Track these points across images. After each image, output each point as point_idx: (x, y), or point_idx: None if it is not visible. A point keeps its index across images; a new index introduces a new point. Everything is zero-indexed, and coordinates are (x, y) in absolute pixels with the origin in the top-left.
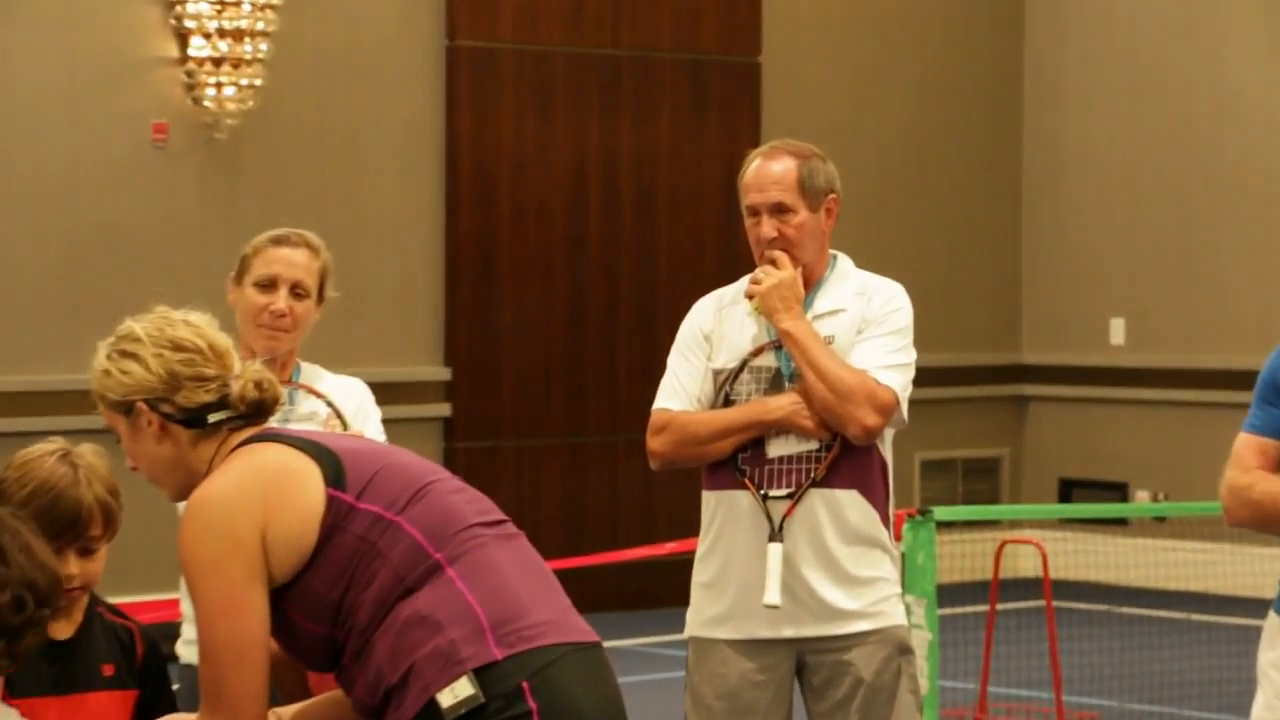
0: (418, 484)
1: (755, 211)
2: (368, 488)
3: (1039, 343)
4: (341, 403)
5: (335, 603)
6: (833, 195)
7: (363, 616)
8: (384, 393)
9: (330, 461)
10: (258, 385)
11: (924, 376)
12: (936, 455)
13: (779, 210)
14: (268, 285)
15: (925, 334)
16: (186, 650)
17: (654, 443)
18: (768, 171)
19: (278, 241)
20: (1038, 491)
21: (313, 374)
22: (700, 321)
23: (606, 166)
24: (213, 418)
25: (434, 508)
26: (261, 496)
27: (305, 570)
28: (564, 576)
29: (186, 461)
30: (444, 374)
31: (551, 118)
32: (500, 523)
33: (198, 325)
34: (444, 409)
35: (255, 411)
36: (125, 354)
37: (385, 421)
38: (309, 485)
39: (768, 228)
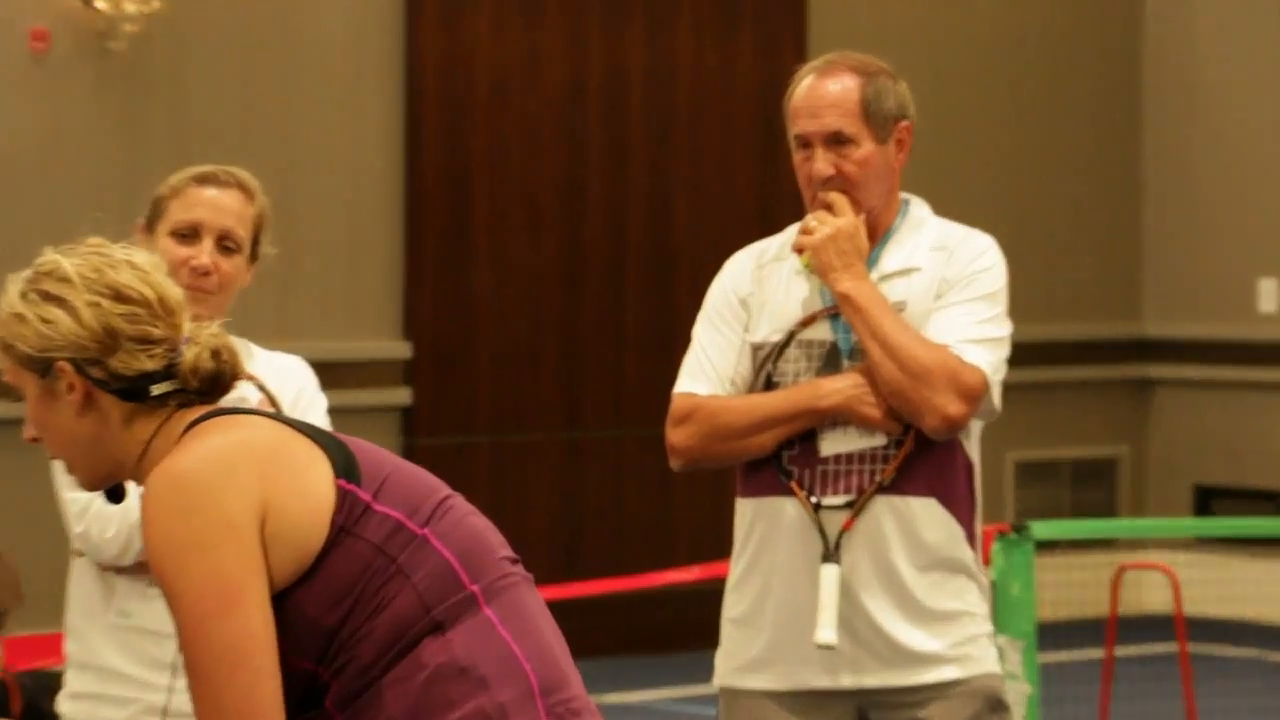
0: (436, 494)
1: (806, 143)
2: (384, 487)
3: (1166, 311)
4: (277, 387)
5: (331, 630)
6: (905, 123)
7: (368, 651)
8: (327, 374)
9: (337, 447)
10: (214, 354)
11: (1020, 354)
12: (1036, 455)
13: (837, 141)
14: (188, 234)
15: (1022, 301)
16: (72, 708)
17: (675, 436)
18: (823, 92)
19: (203, 180)
20: (1167, 502)
21: (242, 350)
22: (735, 283)
23: (611, 88)
24: (156, 390)
25: (463, 527)
26: (258, 476)
27: (298, 583)
28: (557, 611)
29: (113, 441)
30: (403, 350)
31: (541, 25)
32: (516, 560)
33: (145, 270)
34: (402, 395)
35: (208, 388)
36: (49, 296)
37: (332, 411)
38: (315, 471)
39: (822, 163)
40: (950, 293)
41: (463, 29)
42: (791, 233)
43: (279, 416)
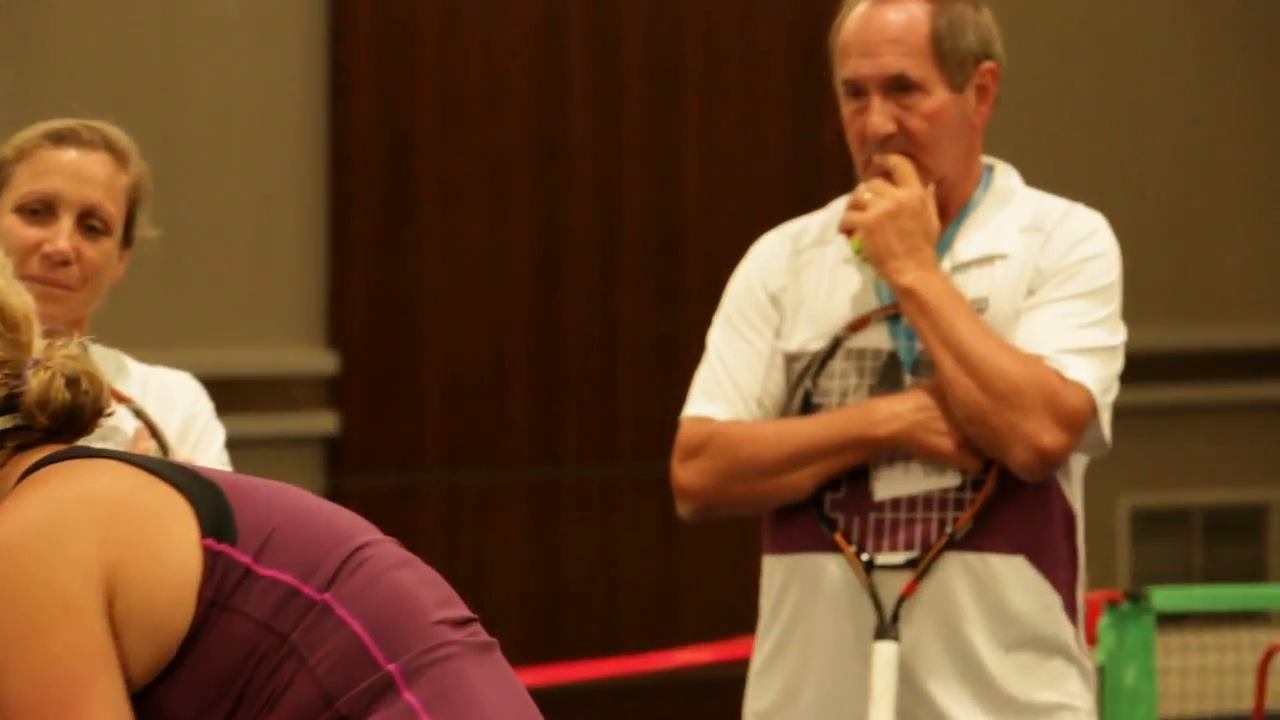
0: (345, 544)
1: (859, 90)
2: (271, 543)
3: None
4: (160, 414)
5: None
6: (989, 64)
7: None
8: (227, 395)
9: (206, 495)
10: (71, 383)
11: (1139, 368)
12: (1159, 501)
13: (899, 88)
14: (40, 210)
15: (1141, 300)
16: None
17: (685, 473)
18: (881, 23)
19: (59, 140)
20: None
21: (113, 364)
22: (764, 274)
23: (598, 21)
24: None
25: (381, 585)
26: (99, 541)
27: (162, 678)
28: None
29: None
30: (327, 364)
31: None
32: (468, 622)
33: None
34: (326, 422)
35: (60, 425)
36: None
37: (234, 443)
38: (176, 530)
39: (880, 117)
40: (1046, 287)
41: None
42: (838, 209)
43: (133, 458)
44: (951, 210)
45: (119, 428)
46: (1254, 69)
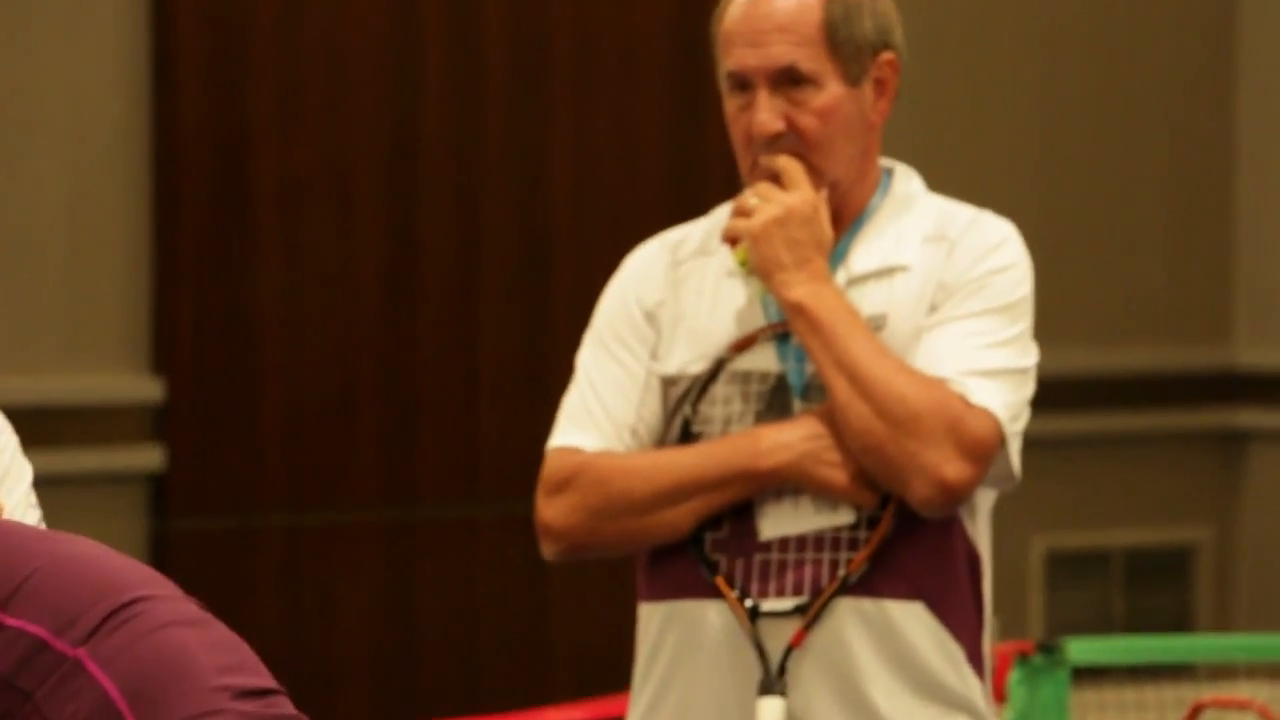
0: (114, 597)
1: (744, 83)
2: (24, 590)
3: (1265, 334)
4: None
5: None
6: (888, 55)
7: None
8: (36, 427)
9: None
10: None
11: (1052, 393)
12: (1075, 542)
13: (789, 81)
14: None
15: (1056, 316)
16: None
17: (551, 510)
18: (769, 9)
19: None
20: (1264, 609)
21: None
22: (639, 288)
23: (456, 5)
24: None
25: (149, 643)
26: None
27: None
28: None
29: None
30: (151, 391)
31: None
32: (264, 693)
33: None
34: (150, 457)
35: None
36: None
37: (45, 482)
38: None
39: (767, 113)
40: (950, 303)
41: None
42: (722, 216)
43: None
44: (846, 217)
45: None
46: (1182, 75)
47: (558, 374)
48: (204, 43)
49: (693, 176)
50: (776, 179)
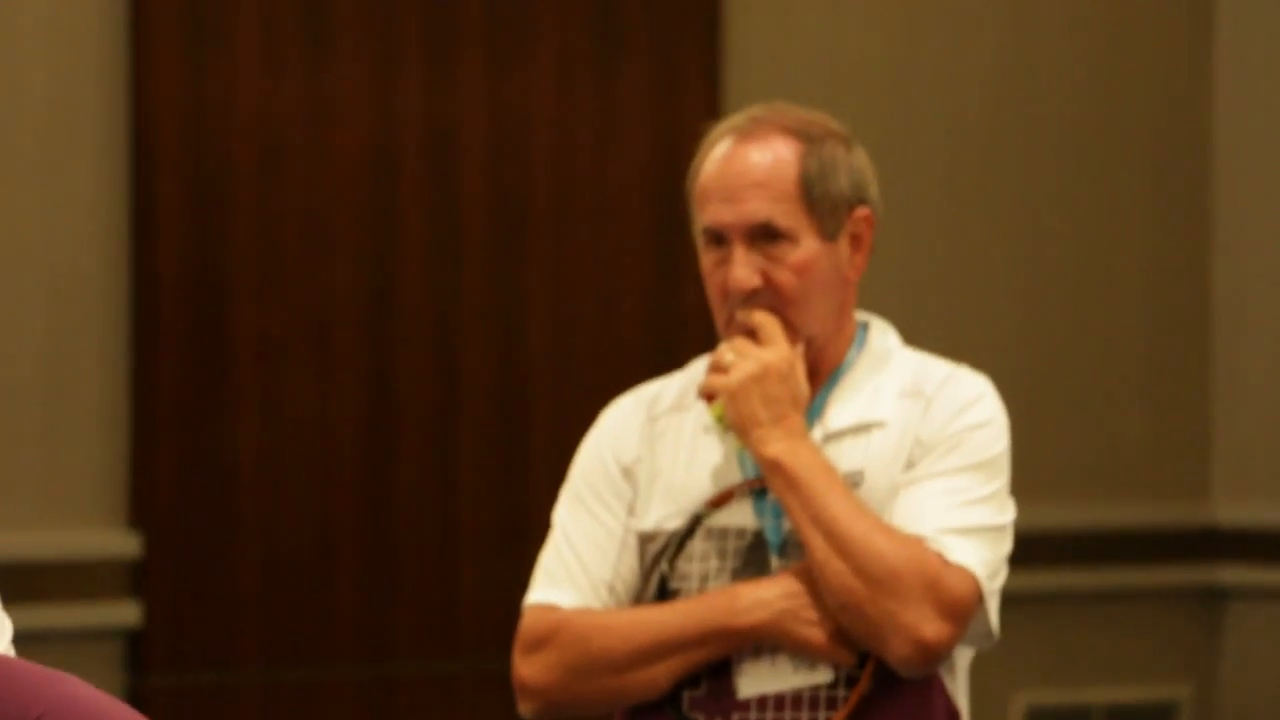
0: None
1: (720, 238)
2: None
3: (1243, 490)
4: None
5: None
6: (864, 210)
7: None
8: (15, 582)
9: None
10: None
11: (1029, 550)
12: (1056, 699)
13: (765, 237)
14: None
15: (1033, 473)
16: None
17: (528, 667)
18: (744, 165)
19: None
20: None
21: None
22: (616, 444)
23: (436, 153)
24: None
25: None
26: None
27: None
28: None
29: None
30: (128, 546)
31: (332, 60)
32: None
33: None
34: (128, 613)
35: None
36: None
37: (23, 637)
38: None
39: (743, 269)
40: (927, 460)
41: (215, 68)
42: (698, 370)
43: None
44: (823, 373)
45: None
46: (1158, 231)
47: (537, 527)
48: (183, 197)
49: (670, 330)
50: (753, 334)
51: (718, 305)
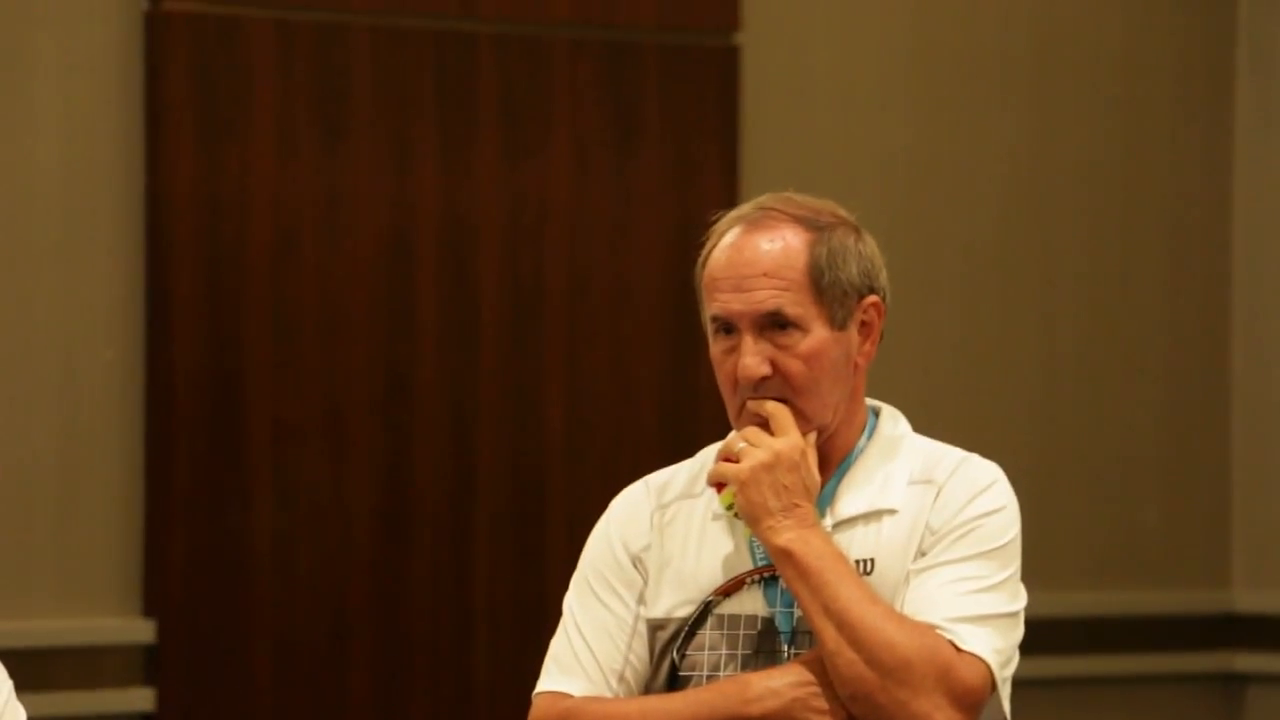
0: None
1: (729, 326)
2: None
3: (1262, 578)
4: None
5: None
6: (873, 298)
7: None
8: (29, 670)
9: None
10: None
11: (1041, 637)
12: None
13: (774, 325)
14: None
15: (1052, 560)
16: None
17: None
18: (754, 254)
19: None
20: None
21: None
22: (625, 532)
23: (451, 240)
24: None
25: None
26: None
27: None
28: None
29: None
30: (142, 632)
31: (348, 149)
32: None
33: None
34: (141, 698)
35: None
36: None
37: None
38: None
39: (753, 358)
40: (939, 547)
41: (231, 157)
42: (708, 458)
43: None
44: (833, 460)
45: None
46: (1176, 317)
47: (552, 615)
48: (198, 285)
49: (685, 416)
50: (765, 424)
51: (728, 393)
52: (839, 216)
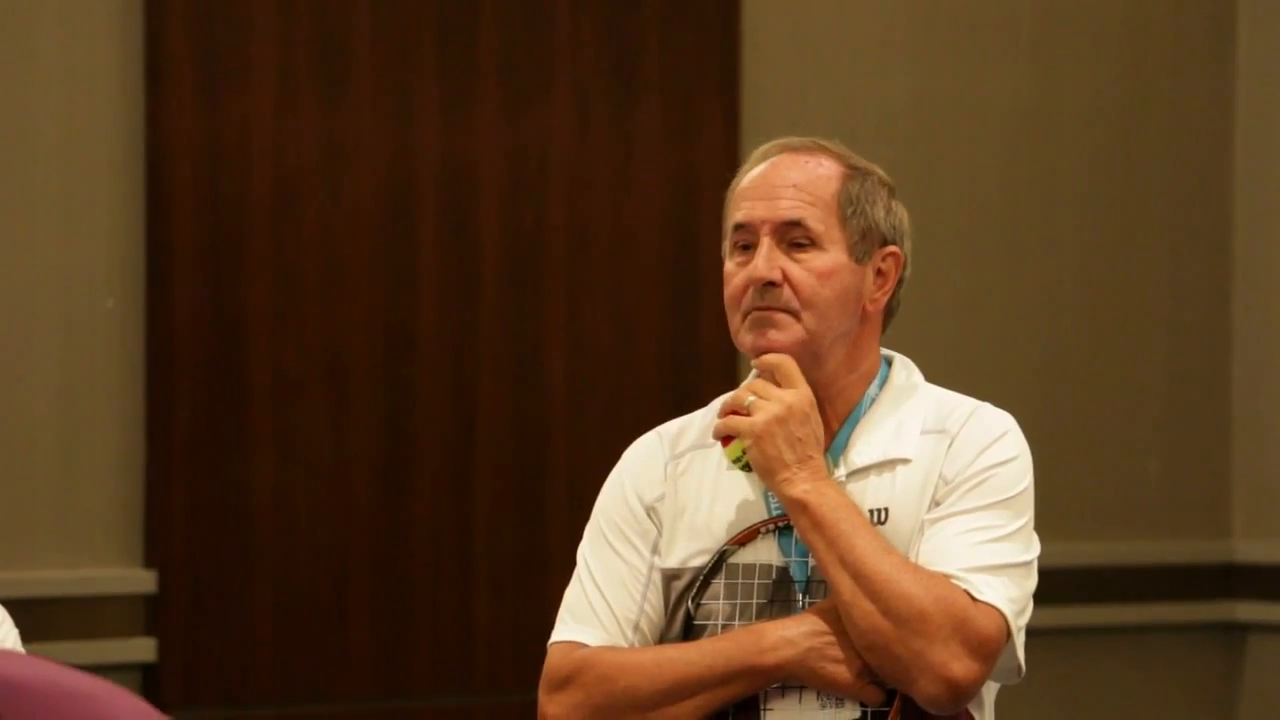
0: None
1: (748, 240)
2: None
3: (1262, 528)
4: None
5: None
6: (893, 248)
7: None
8: (30, 618)
9: None
10: None
11: (1054, 586)
12: None
13: (794, 238)
14: None
15: (1054, 511)
16: None
17: (553, 706)
18: (787, 170)
19: None
20: None
21: None
22: (638, 482)
23: (452, 192)
24: None
25: None
26: None
27: None
28: None
29: None
30: (143, 582)
31: (347, 102)
32: None
33: None
34: (142, 648)
35: None
36: None
37: None
38: None
39: (765, 262)
40: (952, 497)
41: (231, 108)
42: (714, 411)
43: None
44: (844, 410)
45: None
46: (1179, 274)
47: (553, 564)
48: (198, 236)
49: (686, 367)
50: (773, 373)
51: (732, 309)
52: (876, 170)
